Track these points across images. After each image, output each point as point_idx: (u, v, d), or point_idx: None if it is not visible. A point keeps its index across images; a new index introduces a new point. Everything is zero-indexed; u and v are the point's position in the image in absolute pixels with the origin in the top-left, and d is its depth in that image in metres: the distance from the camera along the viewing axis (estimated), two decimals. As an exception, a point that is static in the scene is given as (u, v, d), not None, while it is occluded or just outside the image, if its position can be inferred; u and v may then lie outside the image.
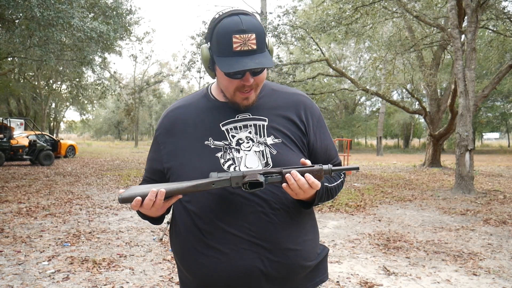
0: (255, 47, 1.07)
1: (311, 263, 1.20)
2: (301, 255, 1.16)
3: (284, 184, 1.05)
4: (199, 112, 1.22)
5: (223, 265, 1.12)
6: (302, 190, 1.04)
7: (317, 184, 1.04)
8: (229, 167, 1.14)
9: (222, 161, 1.14)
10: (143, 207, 1.06)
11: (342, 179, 1.27)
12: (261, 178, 1.03)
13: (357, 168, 1.11)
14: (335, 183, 1.24)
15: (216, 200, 1.13)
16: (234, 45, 1.06)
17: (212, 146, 1.16)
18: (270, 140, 1.17)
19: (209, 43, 1.15)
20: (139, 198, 1.03)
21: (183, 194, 1.08)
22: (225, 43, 1.07)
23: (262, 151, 1.16)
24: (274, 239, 1.12)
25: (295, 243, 1.15)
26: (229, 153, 1.15)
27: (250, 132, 1.17)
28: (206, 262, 1.14)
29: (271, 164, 1.14)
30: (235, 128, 1.18)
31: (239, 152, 1.16)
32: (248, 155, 1.16)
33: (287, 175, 1.03)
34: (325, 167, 1.06)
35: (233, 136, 1.17)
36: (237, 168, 1.14)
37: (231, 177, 1.05)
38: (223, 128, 1.18)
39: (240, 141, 1.16)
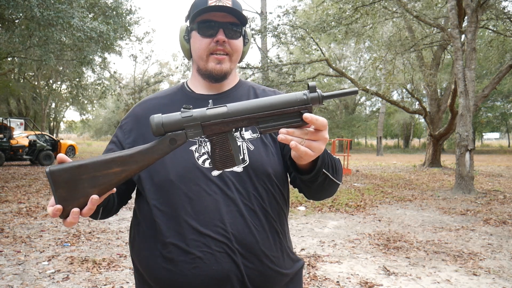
0: (230, 4, 1.07)
1: (288, 271, 1.10)
2: (278, 262, 1.07)
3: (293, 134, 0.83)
4: (174, 103, 1.14)
5: (195, 271, 1.00)
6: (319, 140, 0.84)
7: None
8: (204, 162, 1.06)
9: (196, 155, 1.07)
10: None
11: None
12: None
13: (355, 92, 0.88)
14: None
15: (188, 197, 1.03)
16: (210, 1, 1.07)
17: None
18: (248, 135, 1.10)
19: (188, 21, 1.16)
20: (58, 207, 0.82)
21: (128, 178, 0.88)
22: (200, 1, 1.09)
23: (239, 146, 1.08)
24: (250, 244, 1.02)
25: (271, 249, 1.06)
26: (203, 147, 1.07)
27: None
28: (175, 268, 1.02)
29: (247, 160, 1.07)
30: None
31: None
32: None
33: (305, 114, 0.82)
34: (312, 94, 0.86)
35: None
36: (211, 163, 1.05)
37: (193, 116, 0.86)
38: None
39: None
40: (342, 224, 5.68)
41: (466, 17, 9.22)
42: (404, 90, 26.25)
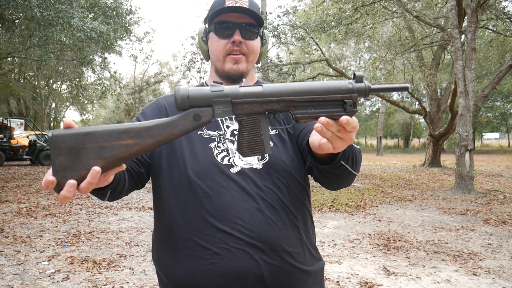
0: (247, 5, 1.09)
1: (309, 268, 1.08)
2: (299, 258, 1.05)
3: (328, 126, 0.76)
4: None
5: (212, 267, 0.99)
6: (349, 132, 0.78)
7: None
8: (222, 158, 1.05)
9: (215, 152, 1.07)
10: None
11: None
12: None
13: (406, 88, 0.84)
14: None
15: (206, 193, 1.02)
16: (227, 2, 1.08)
17: (206, 136, 1.09)
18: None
19: (206, 24, 1.18)
20: (51, 178, 0.71)
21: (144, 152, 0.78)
22: (217, 2, 1.11)
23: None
24: (270, 239, 1.00)
25: (292, 245, 1.04)
26: (223, 144, 1.08)
27: None
28: (191, 264, 1.01)
29: (267, 158, 1.05)
30: (230, 118, 1.12)
31: (233, 144, 1.08)
32: None
33: (343, 117, 0.75)
34: (359, 85, 0.80)
35: (228, 127, 1.11)
36: (231, 161, 1.05)
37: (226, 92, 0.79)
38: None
39: (235, 132, 1.10)
40: (342, 224, 5.69)
41: (466, 17, 9.22)
42: (404, 90, 26.19)
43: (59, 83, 28.56)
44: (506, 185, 10.25)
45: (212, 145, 1.08)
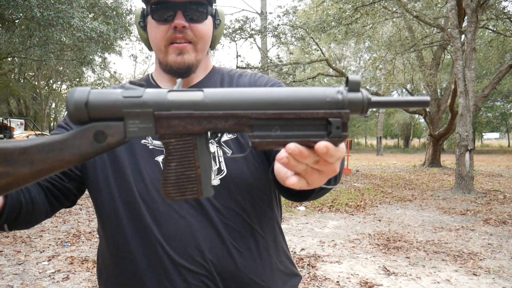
0: None
1: None
2: (268, 285, 0.90)
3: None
4: None
5: None
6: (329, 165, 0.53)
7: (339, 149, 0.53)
8: None
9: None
10: None
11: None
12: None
13: (426, 102, 0.54)
14: None
15: (155, 218, 0.84)
16: None
17: (151, 147, 0.88)
18: (224, 136, 0.89)
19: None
20: None
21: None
22: None
23: (213, 154, 0.86)
24: (235, 271, 0.85)
25: (260, 272, 0.89)
26: None
27: None
28: None
29: (225, 170, 0.86)
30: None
31: None
32: None
33: (320, 144, 0.50)
34: (353, 95, 0.52)
35: None
36: None
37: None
38: None
39: None
40: (342, 224, 5.69)
41: (466, 17, 9.22)
42: (404, 90, 26.26)
43: (59, 83, 28.56)
44: (506, 185, 10.25)
45: (160, 158, 0.87)
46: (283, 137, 0.51)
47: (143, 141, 0.89)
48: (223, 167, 0.86)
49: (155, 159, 0.87)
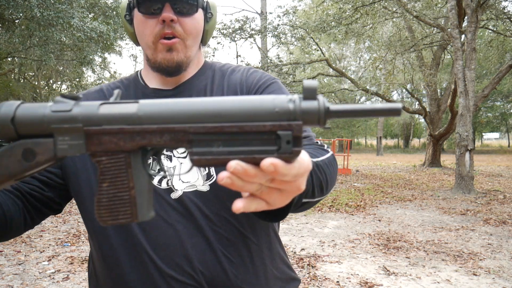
0: None
1: None
2: None
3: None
4: (126, 99, 0.88)
5: None
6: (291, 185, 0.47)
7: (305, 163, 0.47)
8: (160, 181, 0.82)
9: (152, 172, 0.76)
10: None
11: (329, 152, 0.79)
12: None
13: (398, 111, 0.44)
14: (323, 157, 0.75)
15: (141, 227, 0.81)
16: None
17: None
18: None
19: None
20: None
21: None
22: None
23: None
24: (224, 282, 0.82)
25: (252, 281, 0.85)
26: (159, 161, 0.84)
27: None
28: None
29: (214, 175, 0.82)
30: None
31: (171, 160, 0.84)
32: (183, 164, 0.84)
33: (266, 161, 0.42)
34: (307, 104, 0.45)
35: None
36: (169, 182, 0.82)
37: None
38: None
39: None
40: (342, 224, 5.69)
41: (466, 17, 9.22)
42: (404, 90, 26.27)
43: (59, 83, 28.57)
44: (506, 185, 10.25)
45: None
46: (225, 154, 0.45)
47: None
48: (213, 172, 0.82)
49: None
